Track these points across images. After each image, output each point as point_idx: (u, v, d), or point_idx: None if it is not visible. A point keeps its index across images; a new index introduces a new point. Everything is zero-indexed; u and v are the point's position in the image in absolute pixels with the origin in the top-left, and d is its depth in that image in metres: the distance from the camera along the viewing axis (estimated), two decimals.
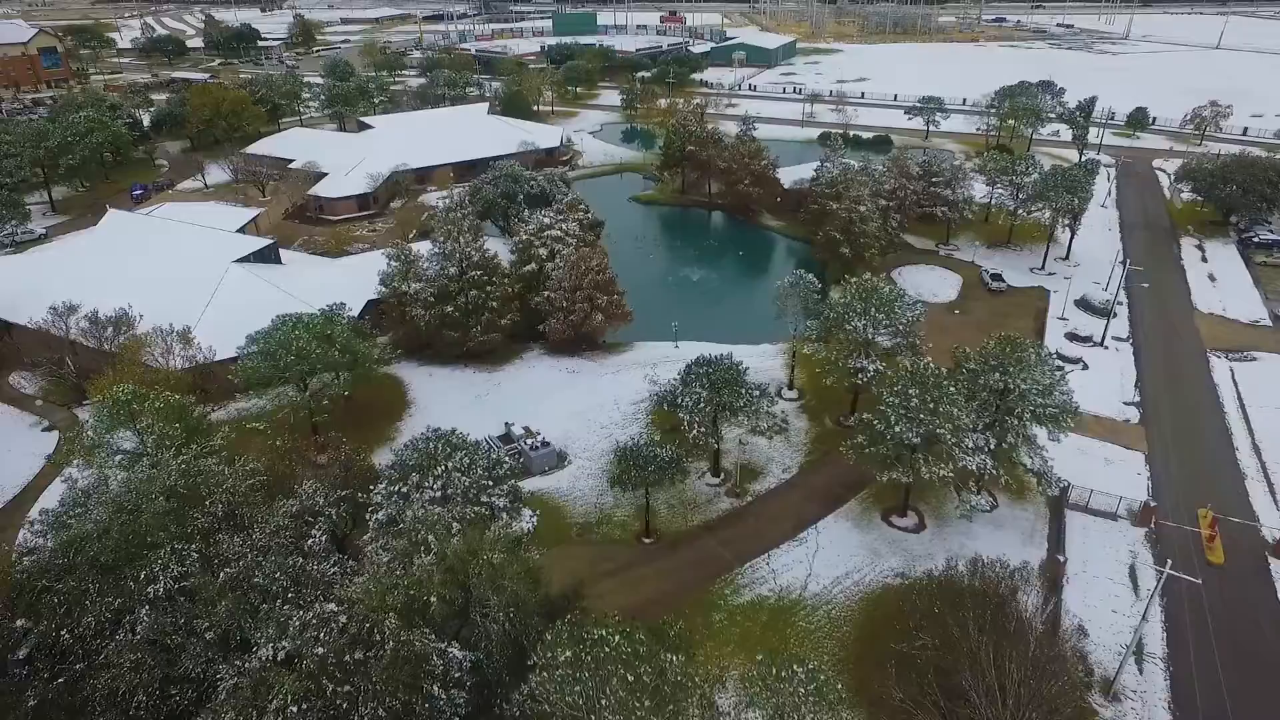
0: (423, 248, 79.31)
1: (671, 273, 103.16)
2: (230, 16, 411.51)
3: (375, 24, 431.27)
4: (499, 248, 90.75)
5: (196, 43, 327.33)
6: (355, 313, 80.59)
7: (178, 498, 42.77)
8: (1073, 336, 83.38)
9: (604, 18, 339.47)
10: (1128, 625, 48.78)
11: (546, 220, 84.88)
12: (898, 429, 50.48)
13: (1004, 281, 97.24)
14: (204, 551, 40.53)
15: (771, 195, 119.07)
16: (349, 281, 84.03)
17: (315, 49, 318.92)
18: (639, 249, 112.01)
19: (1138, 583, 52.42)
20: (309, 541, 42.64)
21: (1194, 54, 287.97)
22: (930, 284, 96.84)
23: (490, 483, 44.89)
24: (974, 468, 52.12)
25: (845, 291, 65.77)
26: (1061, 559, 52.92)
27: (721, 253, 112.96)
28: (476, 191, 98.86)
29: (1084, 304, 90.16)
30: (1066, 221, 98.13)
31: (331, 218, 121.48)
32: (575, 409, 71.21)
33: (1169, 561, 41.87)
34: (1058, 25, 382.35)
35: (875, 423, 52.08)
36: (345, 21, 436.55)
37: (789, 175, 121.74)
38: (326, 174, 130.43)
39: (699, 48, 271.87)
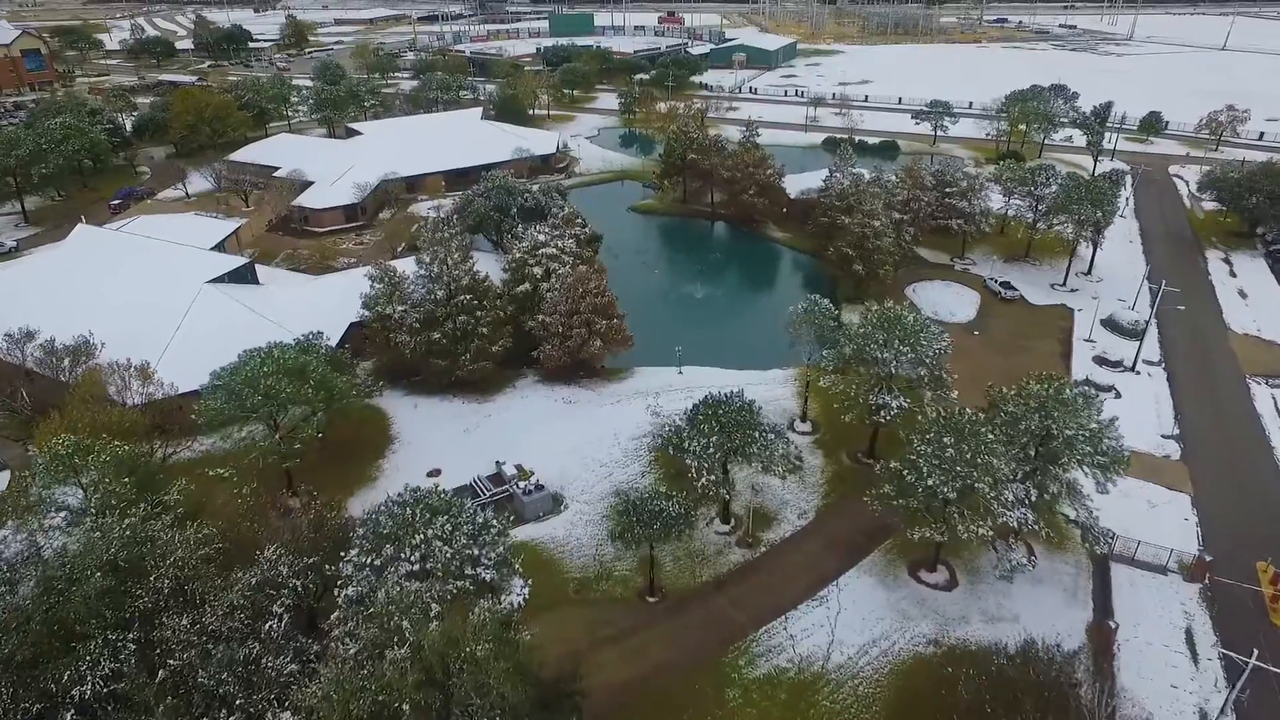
0: (408, 266, 73.86)
1: (674, 289, 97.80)
2: (223, 17, 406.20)
3: (369, 25, 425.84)
4: (491, 264, 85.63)
5: (188, 44, 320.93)
6: (336, 338, 75.36)
7: (118, 572, 37.41)
8: (1102, 360, 78.21)
9: (601, 19, 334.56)
10: (1190, 704, 43.66)
11: (541, 237, 79.58)
12: (931, 482, 45.28)
13: (1015, 290, 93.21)
14: (144, 639, 35.19)
15: (777, 205, 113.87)
16: (330, 302, 78.69)
17: (307, 50, 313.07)
18: (642, 263, 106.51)
19: (1196, 651, 47.26)
20: (268, 624, 37.27)
21: (1200, 55, 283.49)
22: (947, 301, 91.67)
23: (476, 551, 39.55)
24: (1014, 523, 46.94)
25: (865, 319, 60.50)
26: (1112, 625, 47.74)
27: (725, 267, 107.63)
28: (468, 204, 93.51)
29: (1111, 324, 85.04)
30: (1089, 235, 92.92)
31: (317, 229, 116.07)
32: (572, 444, 65.90)
33: (1255, 652, 36.65)
34: (1060, 26, 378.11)
35: (905, 473, 46.87)
36: (339, 22, 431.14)
37: (794, 184, 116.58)
38: (312, 183, 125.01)
39: (698, 49, 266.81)
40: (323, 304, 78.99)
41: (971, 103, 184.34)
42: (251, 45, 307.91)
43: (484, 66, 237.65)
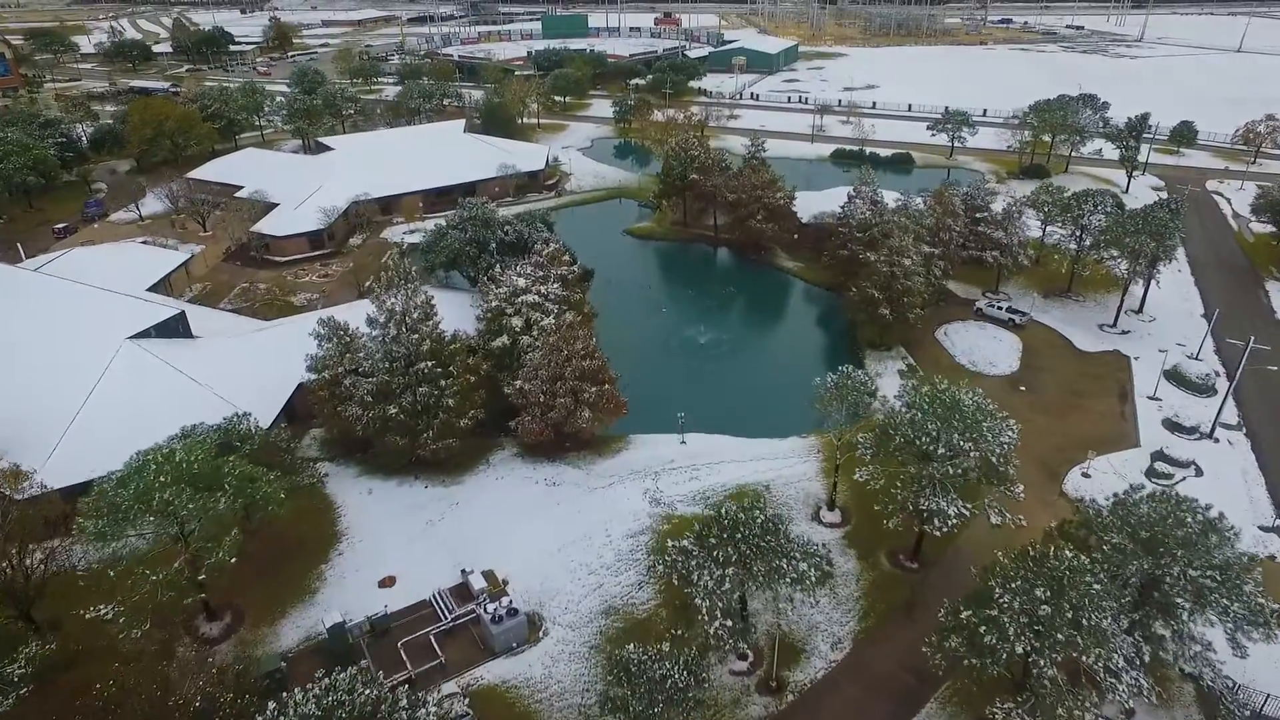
0: (363, 317, 62.05)
1: (674, 332, 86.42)
2: (208, 19, 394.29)
3: (358, 26, 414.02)
4: (466, 309, 74.47)
5: (168, 47, 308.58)
6: (281, 403, 64.25)
7: None
8: (1174, 426, 67.27)
9: (595, 20, 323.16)
10: None
11: (521, 282, 68.47)
12: (1020, 649, 34.39)
13: (1026, 313, 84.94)
14: None
15: (787, 232, 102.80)
16: (276, 358, 67.30)
17: (290, 54, 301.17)
18: (645, 297, 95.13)
19: None
20: None
21: (1217, 58, 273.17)
22: (984, 349, 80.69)
23: None
24: (1123, 692, 36.00)
25: (911, 399, 49.53)
26: None
27: (732, 304, 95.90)
28: (440, 238, 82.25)
29: (1177, 377, 74.11)
30: (1143, 271, 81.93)
31: (278, 259, 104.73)
32: (554, 543, 54.83)
33: None
34: (1067, 27, 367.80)
35: (983, 631, 35.91)
36: (327, 24, 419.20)
37: (804, 204, 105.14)
38: (277, 204, 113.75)
39: (696, 52, 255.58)
40: (267, 360, 67.77)
41: (985, 110, 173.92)
42: (233, 48, 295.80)
43: (472, 71, 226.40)
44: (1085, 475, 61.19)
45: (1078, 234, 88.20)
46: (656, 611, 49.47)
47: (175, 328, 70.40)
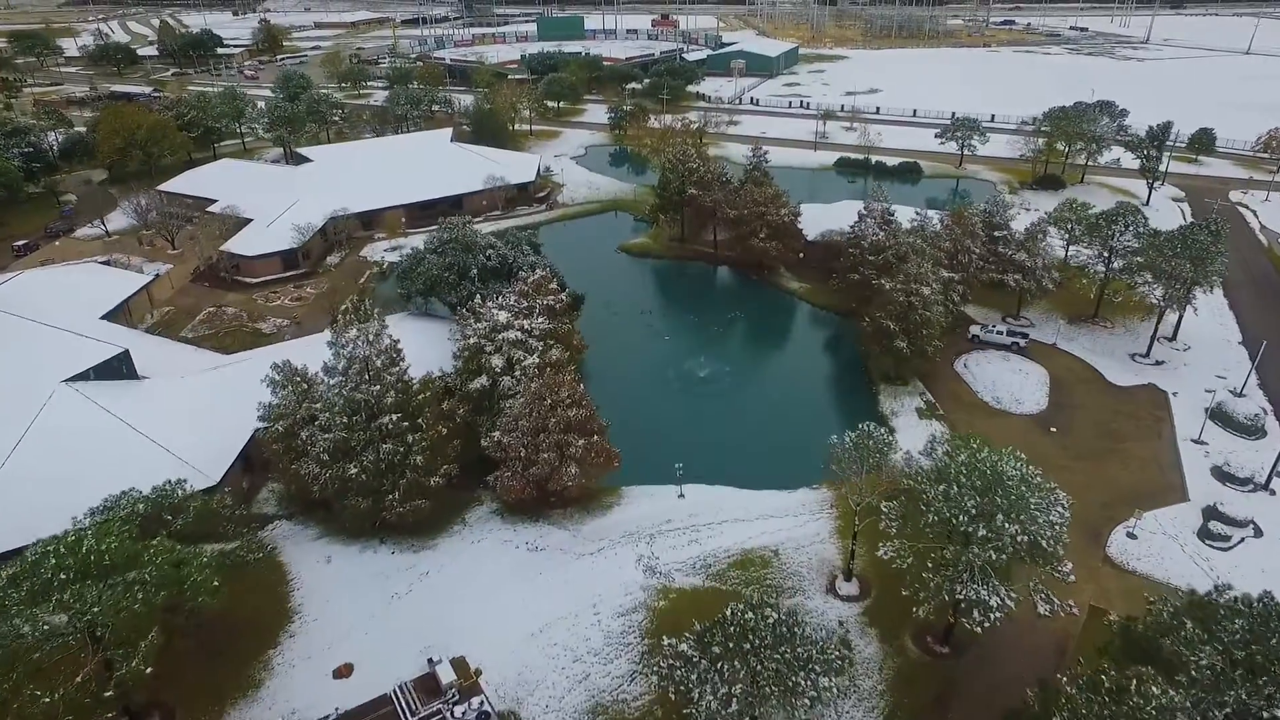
0: (324, 361, 55.62)
1: (671, 364, 79.74)
2: (199, 20, 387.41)
3: (351, 28, 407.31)
4: (445, 341, 67.81)
5: (154, 50, 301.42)
6: (233, 455, 57.64)
7: None
8: (1225, 475, 60.78)
9: (592, 22, 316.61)
10: None
11: (502, 316, 61.96)
12: None
13: (1026, 334, 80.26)
14: None
15: (792, 251, 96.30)
16: (232, 401, 60.39)
17: (280, 57, 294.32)
18: (646, 325, 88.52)
19: None
20: None
21: (1226, 60, 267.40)
22: (1007, 383, 74.19)
23: None
24: None
25: (945, 468, 42.95)
26: None
27: (733, 331, 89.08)
28: (418, 263, 75.63)
29: (1222, 417, 67.59)
30: (1180, 297, 75.40)
31: (249, 280, 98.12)
32: (535, 621, 48.29)
33: None
34: (1071, 29, 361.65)
35: None
36: (319, 26, 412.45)
37: (809, 217, 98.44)
38: (251, 220, 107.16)
39: (694, 55, 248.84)
40: (222, 403, 60.97)
41: (993, 115, 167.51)
42: (222, 51, 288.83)
43: (463, 75, 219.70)
44: (1131, 536, 54.77)
45: (1106, 256, 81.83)
46: (650, 711, 42.97)
47: (118, 368, 63.71)
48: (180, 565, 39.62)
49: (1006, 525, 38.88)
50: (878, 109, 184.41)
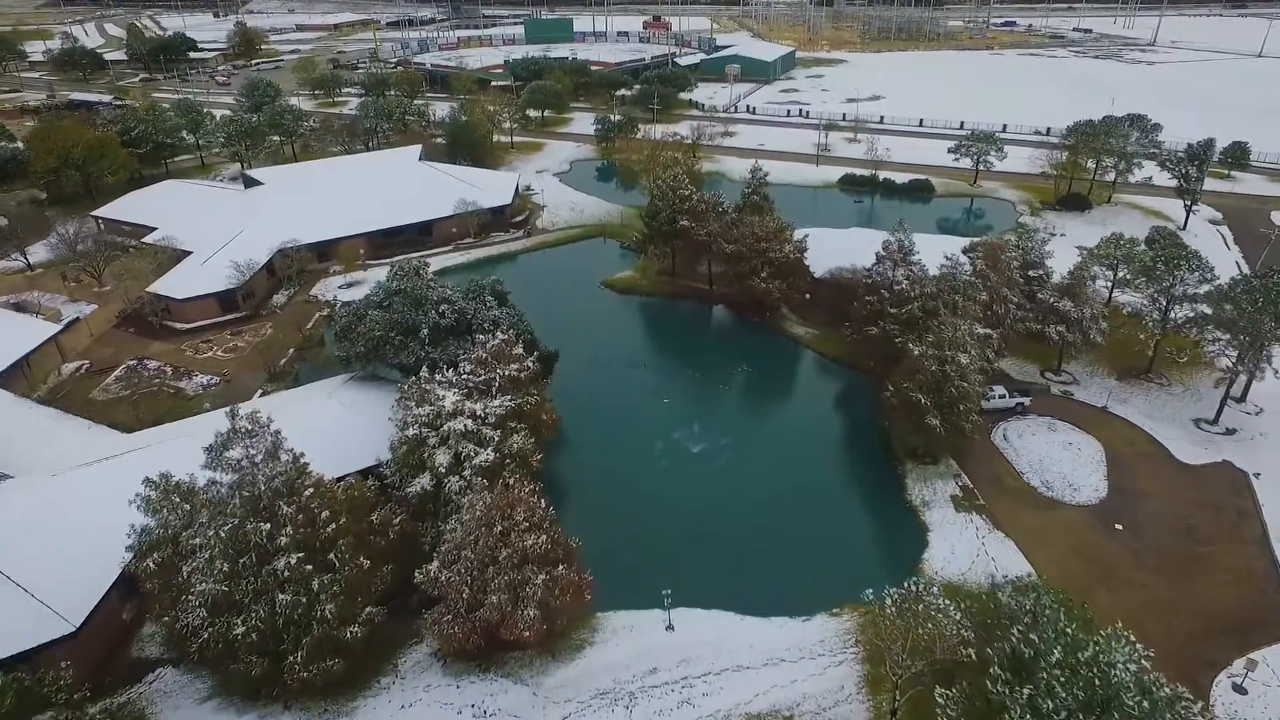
0: (207, 479, 43.47)
1: (661, 435, 67.72)
2: (179, 22, 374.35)
3: (333, 30, 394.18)
4: (390, 412, 55.51)
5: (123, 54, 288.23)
6: (98, 595, 45.74)
7: None
8: None
9: (582, 24, 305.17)
10: None
11: (449, 401, 50.23)
12: None
13: (1029, 395, 69.40)
14: None
15: (798, 291, 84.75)
16: (111, 510, 47.58)
17: (255, 62, 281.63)
18: (640, 380, 76.69)
19: None
20: None
21: (1240, 63, 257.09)
22: (1057, 460, 62.70)
23: None
24: None
25: (1026, 660, 31.42)
26: None
27: (729, 390, 76.19)
28: (357, 320, 63.70)
29: None
30: (1259, 357, 64.02)
31: (181, 325, 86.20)
32: None
33: None
34: (1074, 30, 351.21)
35: None
36: (301, 28, 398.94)
37: (816, 249, 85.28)
38: (190, 253, 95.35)
39: (687, 59, 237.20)
40: (99, 513, 48.39)
41: (1006, 125, 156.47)
42: (195, 55, 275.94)
43: (445, 81, 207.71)
44: (1239, 690, 43.40)
45: (1162, 305, 70.57)
46: None
47: None
48: None
49: (1072, 697, 27.43)
50: (881, 118, 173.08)
